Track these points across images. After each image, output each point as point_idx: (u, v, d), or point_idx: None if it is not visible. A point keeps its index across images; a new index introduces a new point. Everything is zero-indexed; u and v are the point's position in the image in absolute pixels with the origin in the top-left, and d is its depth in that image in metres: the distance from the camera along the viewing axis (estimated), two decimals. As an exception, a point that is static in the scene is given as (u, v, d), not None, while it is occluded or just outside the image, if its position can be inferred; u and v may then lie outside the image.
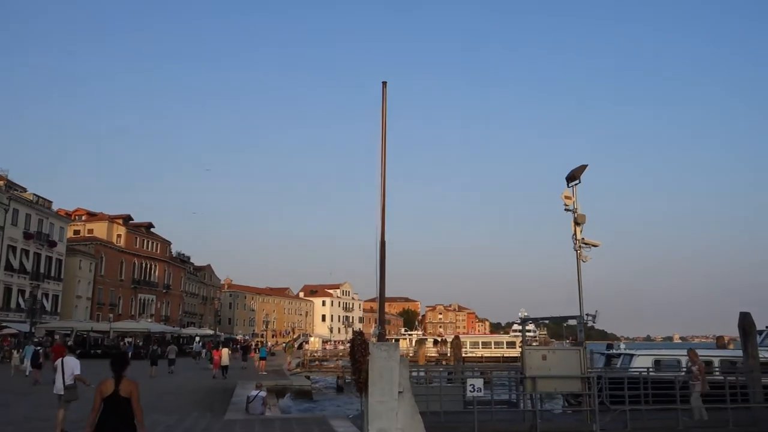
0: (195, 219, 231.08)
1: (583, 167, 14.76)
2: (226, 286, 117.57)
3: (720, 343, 26.78)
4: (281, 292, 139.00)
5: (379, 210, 12.02)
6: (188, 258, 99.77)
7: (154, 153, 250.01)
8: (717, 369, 18.40)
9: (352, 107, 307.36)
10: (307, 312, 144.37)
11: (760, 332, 20.93)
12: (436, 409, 14.79)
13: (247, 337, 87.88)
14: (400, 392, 10.27)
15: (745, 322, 18.68)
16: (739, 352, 19.90)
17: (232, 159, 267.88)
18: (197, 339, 59.37)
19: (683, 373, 16.94)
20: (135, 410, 6.36)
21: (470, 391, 12.83)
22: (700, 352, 20.57)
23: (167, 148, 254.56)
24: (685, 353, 20.37)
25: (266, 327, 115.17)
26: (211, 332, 71.79)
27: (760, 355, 18.50)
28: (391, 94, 11.76)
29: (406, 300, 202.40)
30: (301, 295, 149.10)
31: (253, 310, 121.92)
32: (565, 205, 14.56)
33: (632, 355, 21.23)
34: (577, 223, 14.27)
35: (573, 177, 14.69)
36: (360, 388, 10.72)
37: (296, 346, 66.09)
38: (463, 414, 14.74)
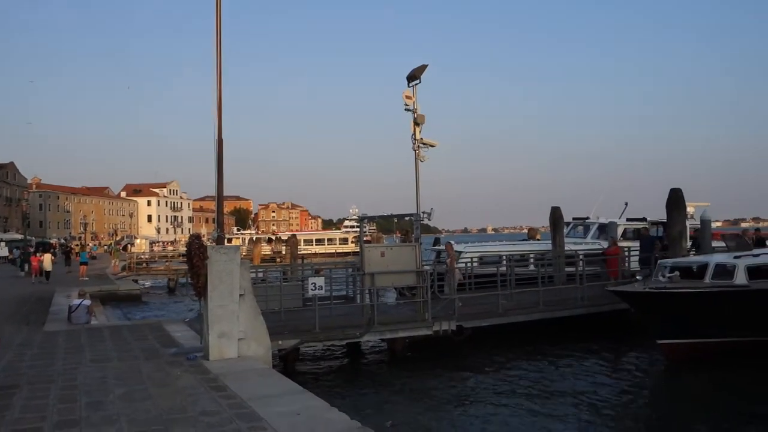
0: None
1: (423, 67, 14.78)
2: (34, 186, 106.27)
3: (531, 234, 29.66)
4: (100, 192, 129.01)
5: (216, 107, 11.14)
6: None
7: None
8: (532, 259, 20.41)
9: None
10: (131, 213, 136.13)
11: (567, 224, 23.49)
12: (276, 308, 14.83)
13: (63, 240, 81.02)
14: (241, 295, 10.02)
15: (556, 215, 20.79)
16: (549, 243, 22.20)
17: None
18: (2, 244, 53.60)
19: (504, 266, 18.52)
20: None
21: (312, 289, 12.94)
22: (522, 246, 22.71)
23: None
24: (505, 248, 22.29)
25: (84, 230, 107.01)
26: (19, 237, 65.05)
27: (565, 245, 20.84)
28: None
29: (238, 198, 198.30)
30: (123, 195, 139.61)
31: (68, 212, 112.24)
32: (406, 104, 14.62)
33: (460, 252, 22.79)
34: (416, 123, 14.45)
35: (414, 77, 14.68)
36: (199, 293, 10.28)
37: (121, 248, 62.26)
38: (303, 311, 14.94)
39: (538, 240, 26.92)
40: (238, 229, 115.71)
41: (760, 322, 13.07)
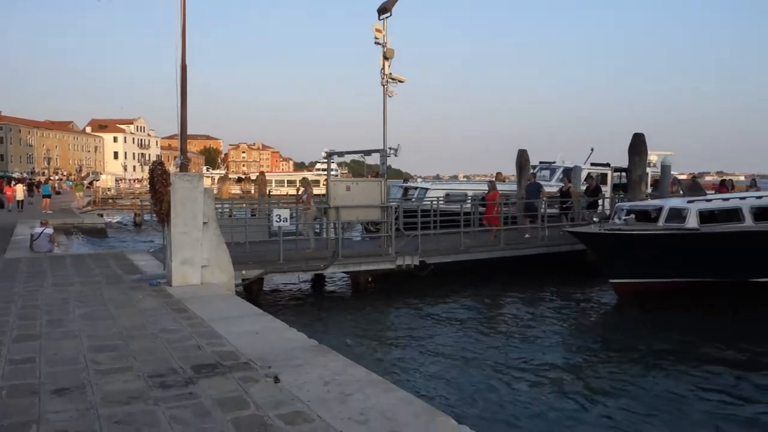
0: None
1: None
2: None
3: (499, 178, 30.03)
4: (64, 127, 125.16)
5: (180, 33, 10.88)
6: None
7: None
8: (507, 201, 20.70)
9: None
10: (96, 148, 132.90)
11: (534, 167, 23.79)
12: (241, 240, 14.93)
13: (26, 174, 79.10)
14: (205, 223, 10.06)
15: (522, 158, 21.00)
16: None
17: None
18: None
19: (468, 204, 18.82)
20: None
21: (276, 221, 13.02)
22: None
23: None
24: (470, 186, 22.48)
25: (48, 164, 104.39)
26: (-21, 169, 63.29)
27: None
28: None
29: (208, 138, 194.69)
30: (89, 130, 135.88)
31: (30, 146, 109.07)
32: (376, 38, 14.44)
33: (426, 189, 23.05)
34: (385, 58, 14.31)
35: (384, 9, 14.45)
36: (162, 220, 10.29)
37: (86, 184, 61.09)
38: (269, 243, 15.07)
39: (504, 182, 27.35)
40: (208, 169, 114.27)
41: (708, 265, 13.64)
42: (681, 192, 17.32)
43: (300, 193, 17.11)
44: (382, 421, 4.18)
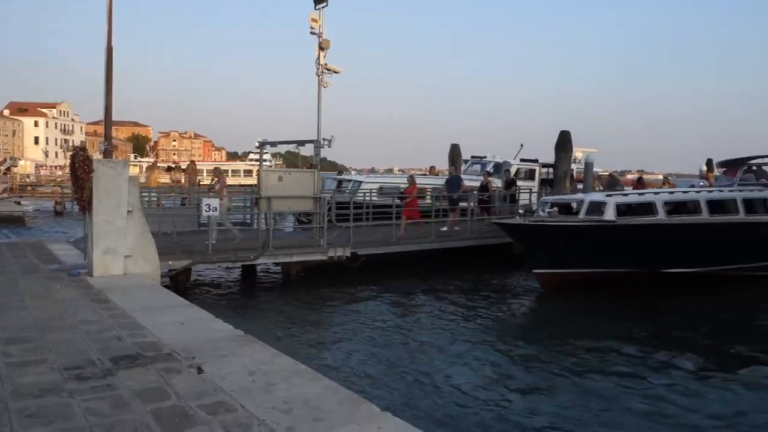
0: None
1: (330, -11, 14.46)
2: None
3: (432, 172, 30.43)
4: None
5: (106, 13, 10.44)
6: None
7: None
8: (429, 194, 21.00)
9: None
10: (14, 131, 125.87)
11: (466, 161, 24.29)
12: (169, 230, 14.55)
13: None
14: (129, 211, 9.74)
15: (455, 152, 21.43)
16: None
17: None
18: None
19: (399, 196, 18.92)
20: None
21: (205, 210, 12.76)
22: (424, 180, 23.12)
23: None
24: (405, 180, 22.68)
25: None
26: None
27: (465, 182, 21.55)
28: None
29: (136, 124, 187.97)
30: (7, 113, 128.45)
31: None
32: (311, 28, 14.33)
33: (360, 182, 23.10)
34: (321, 48, 14.24)
35: (320, -1, 14.36)
36: (83, 208, 9.89)
37: (2, 169, 57.68)
38: (198, 234, 14.75)
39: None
40: (135, 156, 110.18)
41: (624, 256, 14.32)
42: (600, 187, 18.10)
43: (212, 182, 16.77)
44: (306, 410, 4.20)
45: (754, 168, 17.94)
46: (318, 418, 4.08)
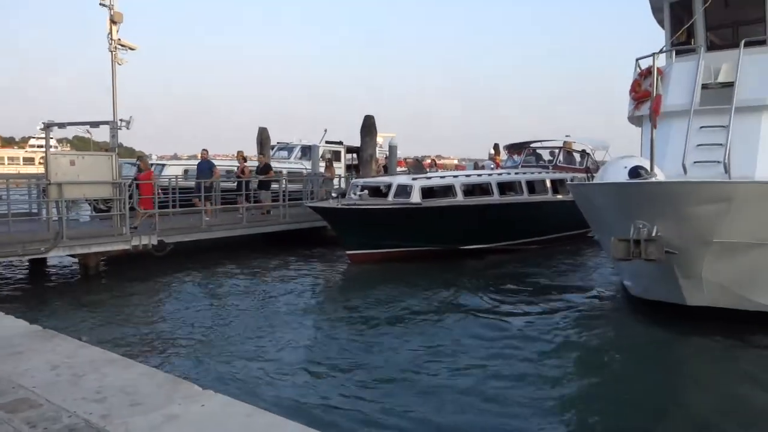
0: None
1: (122, -40, 13.44)
2: None
3: (240, 156, 29.84)
4: None
5: None
6: None
7: None
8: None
9: None
10: None
11: (273, 146, 24.16)
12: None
13: None
14: None
15: (263, 135, 21.25)
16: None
17: None
18: None
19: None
20: None
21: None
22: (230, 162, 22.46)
23: None
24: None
25: None
26: None
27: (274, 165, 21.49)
28: None
29: None
30: None
31: None
32: (101, -1, 13.22)
33: (163, 165, 21.89)
34: (113, 22, 13.20)
35: (111, -32, 13.28)
36: None
37: None
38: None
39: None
40: None
41: (428, 235, 15.40)
42: (408, 171, 19.23)
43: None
44: (121, 397, 4.03)
45: (535, 151, 20.37)
46: (136, 402, 3.94)
